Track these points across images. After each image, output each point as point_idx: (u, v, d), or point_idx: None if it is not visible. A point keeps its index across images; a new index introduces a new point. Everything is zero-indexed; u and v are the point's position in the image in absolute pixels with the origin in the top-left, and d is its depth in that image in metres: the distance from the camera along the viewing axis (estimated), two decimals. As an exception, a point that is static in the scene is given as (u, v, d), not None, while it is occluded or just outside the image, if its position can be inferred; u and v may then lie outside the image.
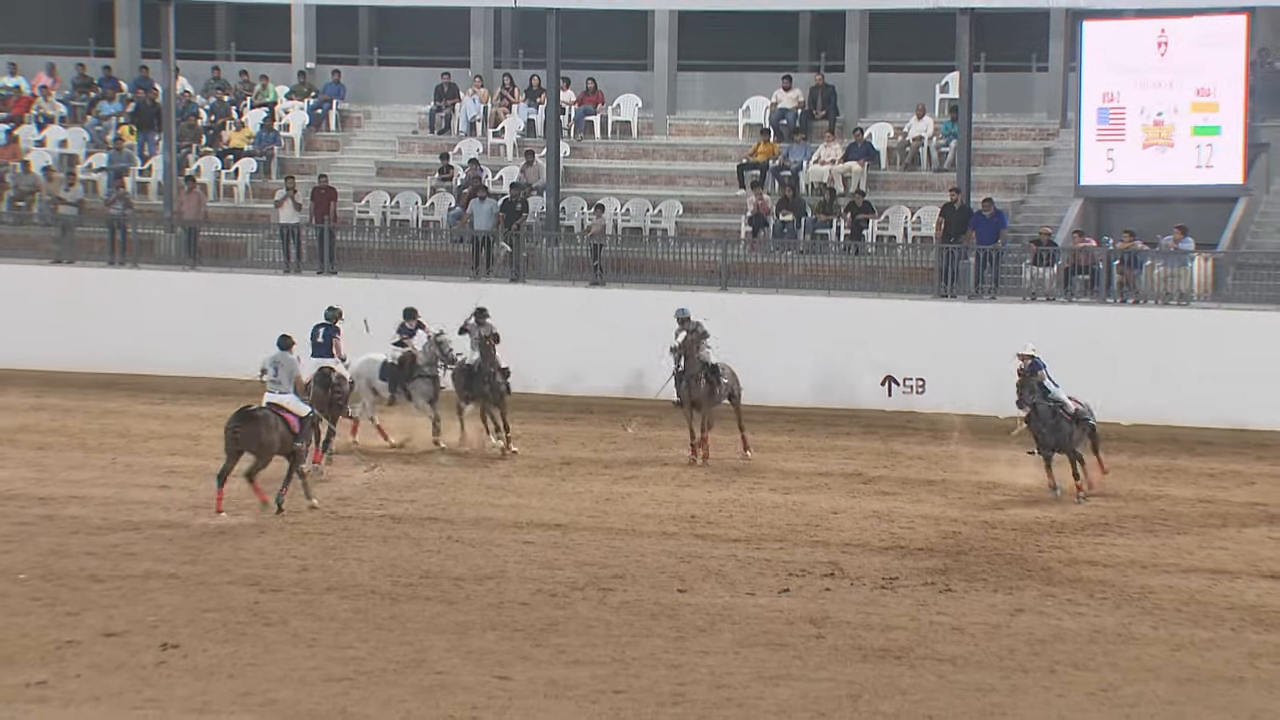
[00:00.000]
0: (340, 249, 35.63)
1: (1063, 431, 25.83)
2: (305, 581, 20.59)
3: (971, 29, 33.54)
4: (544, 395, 32.63)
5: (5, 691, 16.46)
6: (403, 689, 16.91)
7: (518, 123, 39.15)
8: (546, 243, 35.56)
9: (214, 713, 16.18)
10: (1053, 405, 25.89)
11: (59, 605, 19.25)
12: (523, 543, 22.73)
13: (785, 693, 17.09)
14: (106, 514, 23.63)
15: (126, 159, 38.91)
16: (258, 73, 41.02)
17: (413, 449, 28.25)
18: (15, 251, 36.58)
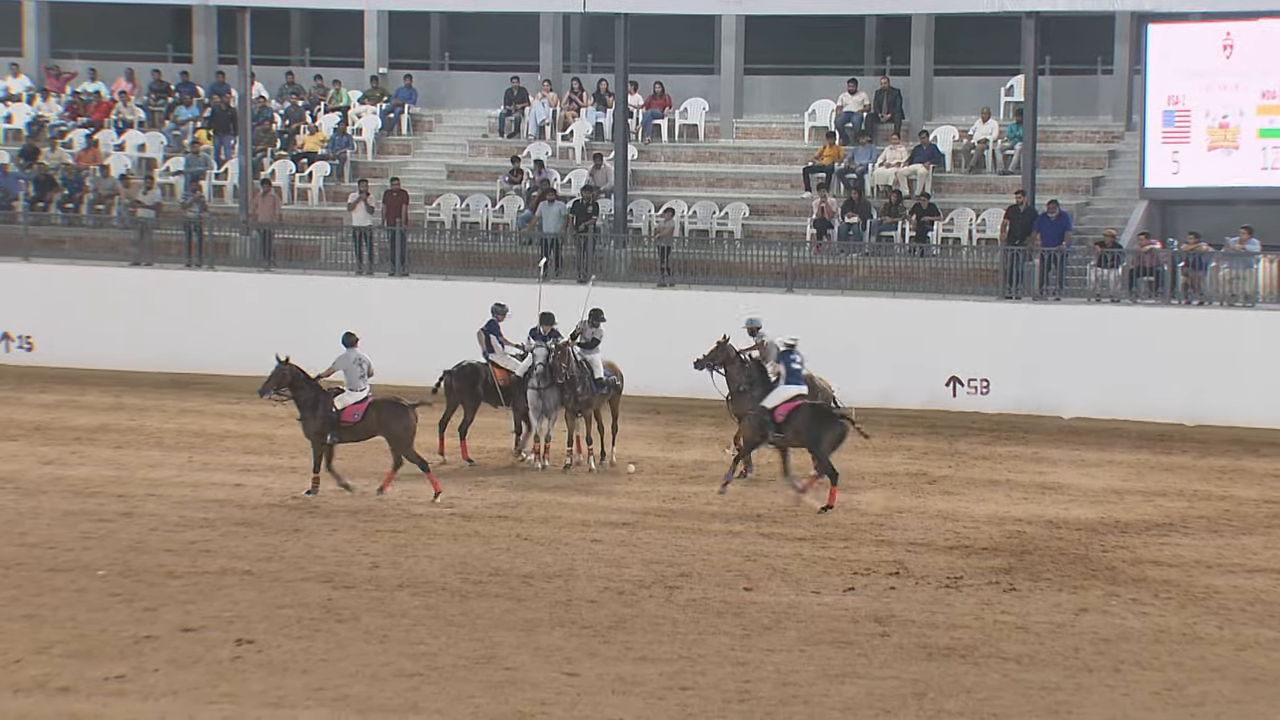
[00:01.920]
0: (411, 251, 35.74)
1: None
2: (377, 578, 20.68)
3: (1037, 32, 33.36)
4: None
5: (85, 685, 16.61)
6: (472, 684, 16.97)
7: (586, 126, 39.20)
8: (614, 245, 35.59)
9: (288, 707, 16.27)
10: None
11: (137, 601, 19.40)
12: (591, 541, 22.76)
13: (850, 690, 17.06)
14: (183, 511, 23.79)
15: (203, 163, 39.17)
16: (331, 78, 41.22)
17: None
18: (95, 254, 36.87)
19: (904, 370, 32.27)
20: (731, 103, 38.90)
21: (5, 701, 16.08)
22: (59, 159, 39.50)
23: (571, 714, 16.32)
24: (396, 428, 24.75)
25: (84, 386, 32.85)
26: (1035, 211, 33.54)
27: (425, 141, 40.48)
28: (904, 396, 32.25)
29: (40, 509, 23.74)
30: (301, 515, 23.70)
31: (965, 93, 38.04)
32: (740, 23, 38.27)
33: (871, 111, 37.88)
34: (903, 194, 35.82)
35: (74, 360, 34.16)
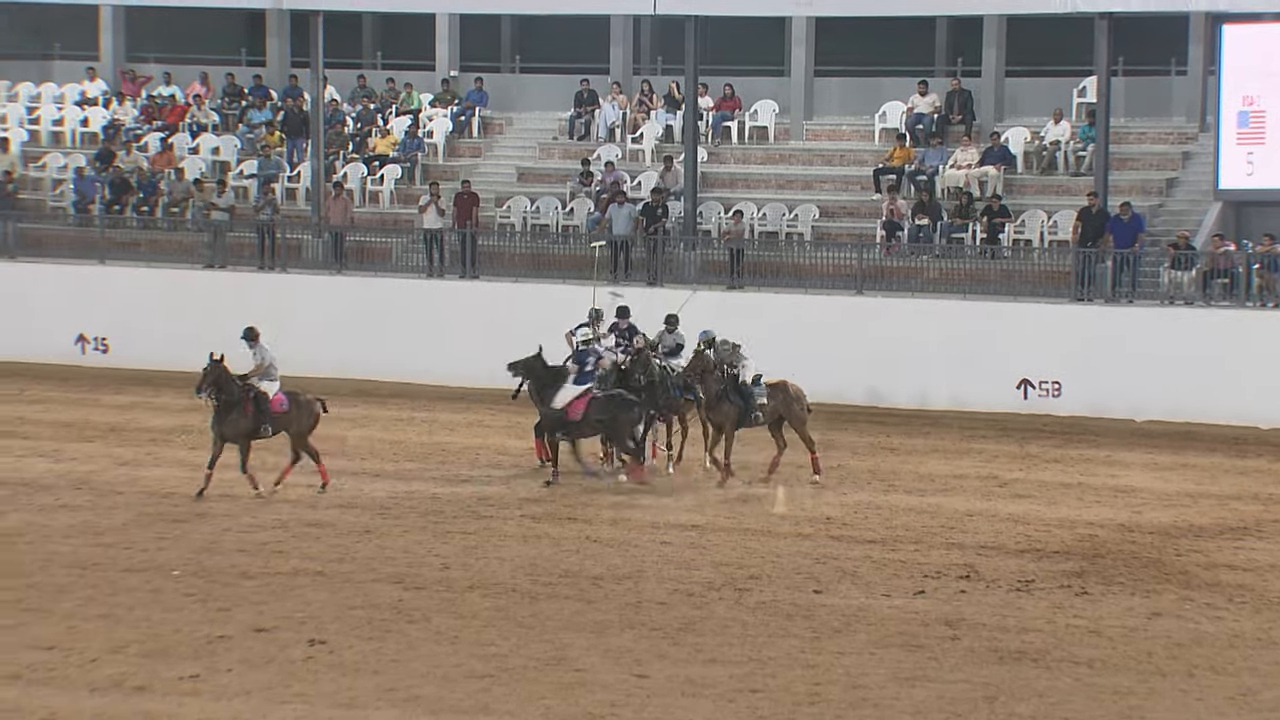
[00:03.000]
0: (482, 253, 35.86)
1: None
2: (447, 580, 20.76)
3: (1110, 33, 33.17)
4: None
5: (160, 684, 16.73)
6: (542, 686, 17.00)
7: (656, 128, 39.22)
8: (684, 247, 35.60)
9: (360, 708, 16.35)
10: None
11: (211, 601, 19.53)
12: (660, 543, 22.77)
13: (921, 694, 17.01)
14: (256, 512, 23.94)
15: (276, 166, 39.40)
16: (403, 81, 41.38)
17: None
18: (169, 256, 37.16)
19: (974, 373, 32.14)
20: (801, 104, 38.83)
21: (82, 700, 16.22)
22: (134, 162, 39.82)
23: (641, 716, 16.33)
24: (306, 422, 24.93)
25: (158, 388, 33.09)
26: (1108, 213, 33.34)
27: (496, 144, 40.60)
28: (974, 399, 32.13)
29: (116, 509, 23.94)
30: (373, 516, 23.81)
31: (1037, 94, 37.84)
32: (811, 24, 38.20)
33: (942, 113, 37.73)
34: (973, 196, 35.67)
35: (149, 362, 34.42)
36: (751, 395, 26.12)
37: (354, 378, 32.72)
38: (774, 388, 26.49)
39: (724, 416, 26.17)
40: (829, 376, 32.52)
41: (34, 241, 37.66)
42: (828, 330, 33.01)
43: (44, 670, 17.02)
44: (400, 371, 33.62)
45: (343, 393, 30.25)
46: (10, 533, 22.20)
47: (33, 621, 18.55)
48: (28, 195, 39.80)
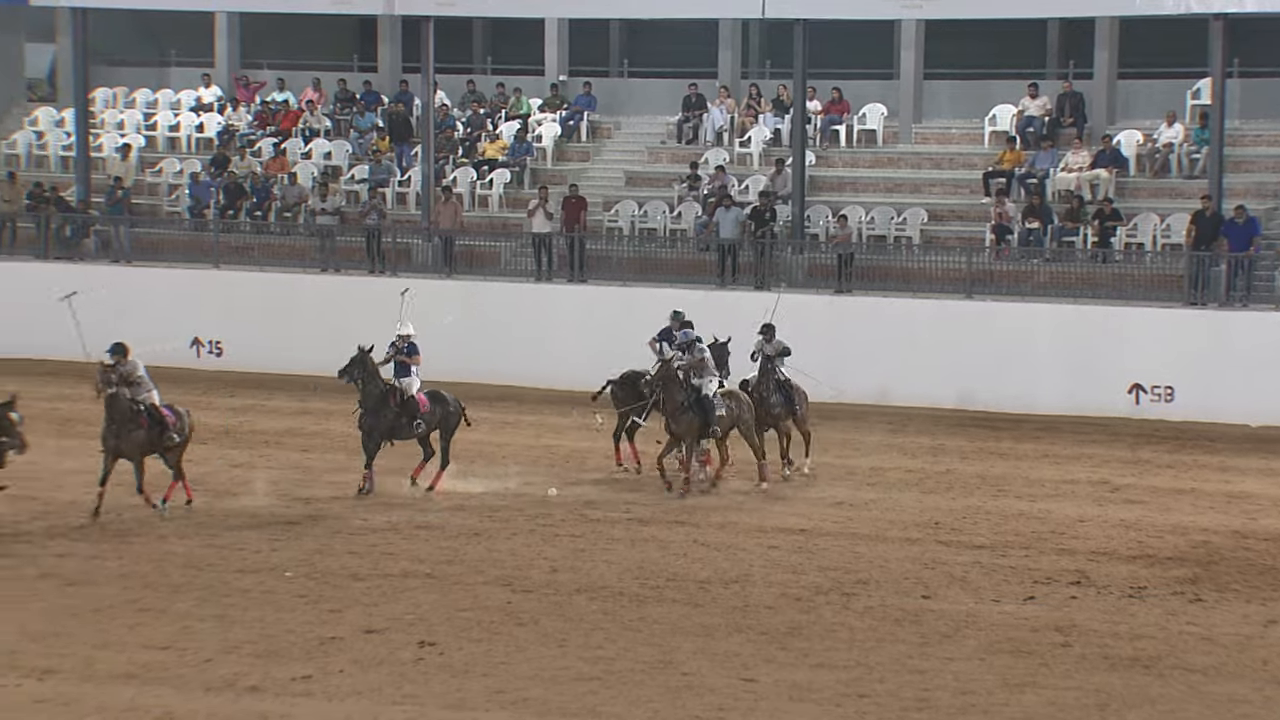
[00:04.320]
0: (590, 257, 35.95)
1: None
2: (555, 582, 20.82)
3: (1225, 34, 32.77)
4: (789, 401, 32.65)
5: (273, 684, 16.89)
6: (650, 689, 17.02)
7: (764, 132, 39.16)
8: (791, 250, 35.54)
9: (469, 709, 16.43)
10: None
11: (323, 602, 19.70)
12: (767, 547, 22.73)
13: (1031, 700, 16.89)
14: (367, 514, 24.13)
15: (386, 170, 39.69)
16: (512, 86, 41.56)
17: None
18: (282, 260, 37.52)
19: (1085, 377, 31.87)
20: (910, 108, 38.62)
21: (196, 700, 16.41)
22: (248, 167, 40.24)
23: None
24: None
25: (271, 391, 33.43)
26: (1221, 216, 32.95)
27: (604, 148, 40.69)
28: (1085, 404, 31.85)
29: (230, 511, 24.20)
30: (481, 519, 23.94)
31: (1150, 96, 37.45)
32: (920, 27, 38.00)
33: (1053, 116, 37.43)
34: (1085, 199, 35.34)
35: (261, 365, 34.76)
36: (713, 408, 25.54)
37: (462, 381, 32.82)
38: (727, 396, 25.89)
39: (686, 428, 25.53)
40: (937, 381, 32.46)
41: (149, 246, 38.13)
42: (936, 334, 32.85)
43: (159, 669, 17.23)
44: (508, 375, 33.74)
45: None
46: (126, 533, 22.49)
47: (148, 621, 18.79)
48: (143, 200, 40.31)
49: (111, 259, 37.89)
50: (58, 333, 36.04)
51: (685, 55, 40.69)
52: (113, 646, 17.87)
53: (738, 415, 25.98)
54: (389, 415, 25.53)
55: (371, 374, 25.68)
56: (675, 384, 25.59)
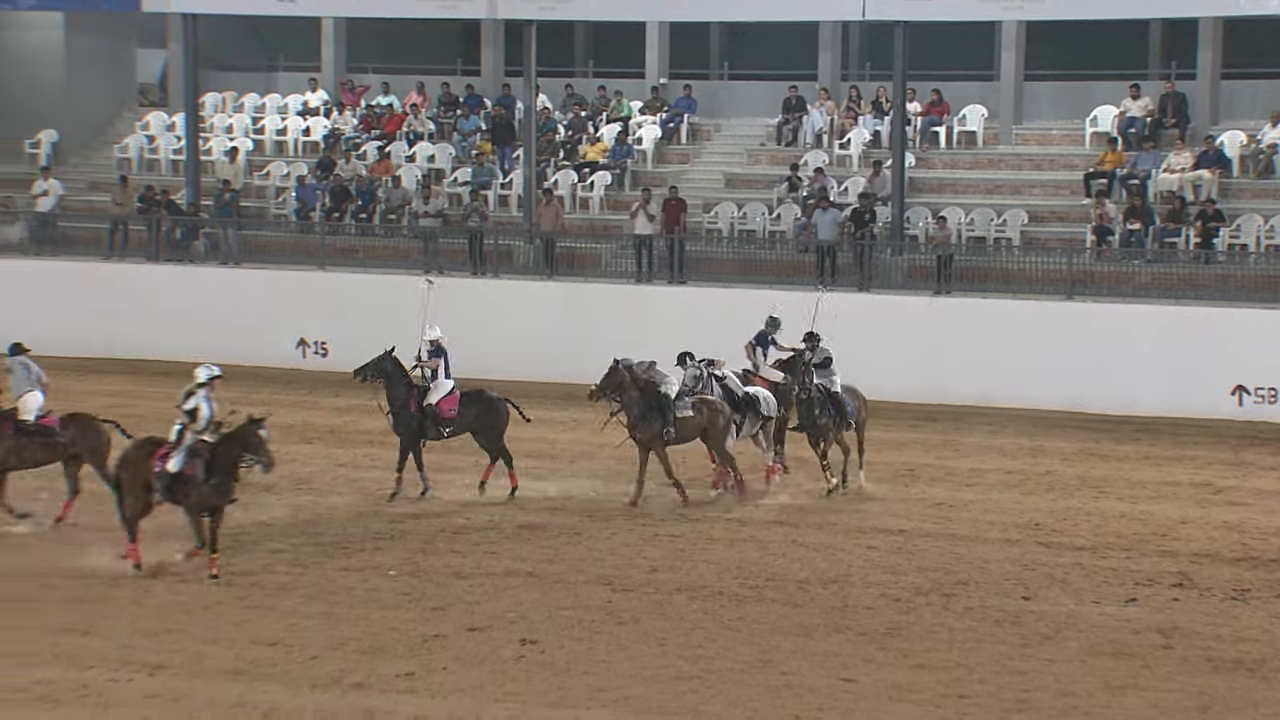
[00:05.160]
0: (689, 258, 35.96)
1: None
2: (655, 582, 20.83)
3: (1329, 34, 32.39)
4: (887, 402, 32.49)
5: (378, 681, 17.00)
6: (749, 688, 17.00)
7: (863, 134, 39.01)
8: (891, 252, 35.39)
9: (570, 707, 16.47)
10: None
11: (426, 600, 19.80)
12: (866, 548, 22.65)
13: (1133, 702, 16.73)
14: (469, 514, 24.23)
15: (488, 173, 39.87)
16: (613, 89, 41.65)
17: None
18: (386, 262, 37.74)
19: (1187, 379, 31.52)
20: (1011, 109, 38.37)
21: (302, 696, 16.54)
22: (353, 170, 40.52)
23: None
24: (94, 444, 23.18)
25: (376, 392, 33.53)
26: (1327, 217, 32.55)
27: (704, 150, 40.68)
28: (1186, 405, 31.49)
29: (335, 510, 24.38)
30: (582, 519, 23.99)
31: (1254, 96, 37.01)
32: (1021, 29, 37.74)
33: (1155, 116, 37.05)
34: (1187, 200, 34.96)
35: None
36: (671, 411, 24.89)
37: (563, 381, 32.91)
38: (702, 403, 25.13)
39: (650, 434, 24.85)
40: (1037, 382, 32.20)
41: (257, 248, 38.50)
42: (1036, 335, 32.61)
43: (267, 665, 17.39)
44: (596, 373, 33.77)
45: (552, 396, 30.48)
46: (235, 532, 22.69)
47: (256, 618, 18.97)
48: (251, 203, 40.70)
49: (220, 261, 38.29)
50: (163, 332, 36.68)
51: (785, 58, 40.61)
52: (221, 643, 18.05)
53: (708, 421, 24.96)
54: (412, 419, 25.36)
55: (394, 375, 25.56)
56: (629, 390, 24.85)
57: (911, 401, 32.44)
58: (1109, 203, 35.03)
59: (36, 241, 39.42)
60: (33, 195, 40.30)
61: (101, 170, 42.45)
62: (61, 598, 19.60)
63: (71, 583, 20.23)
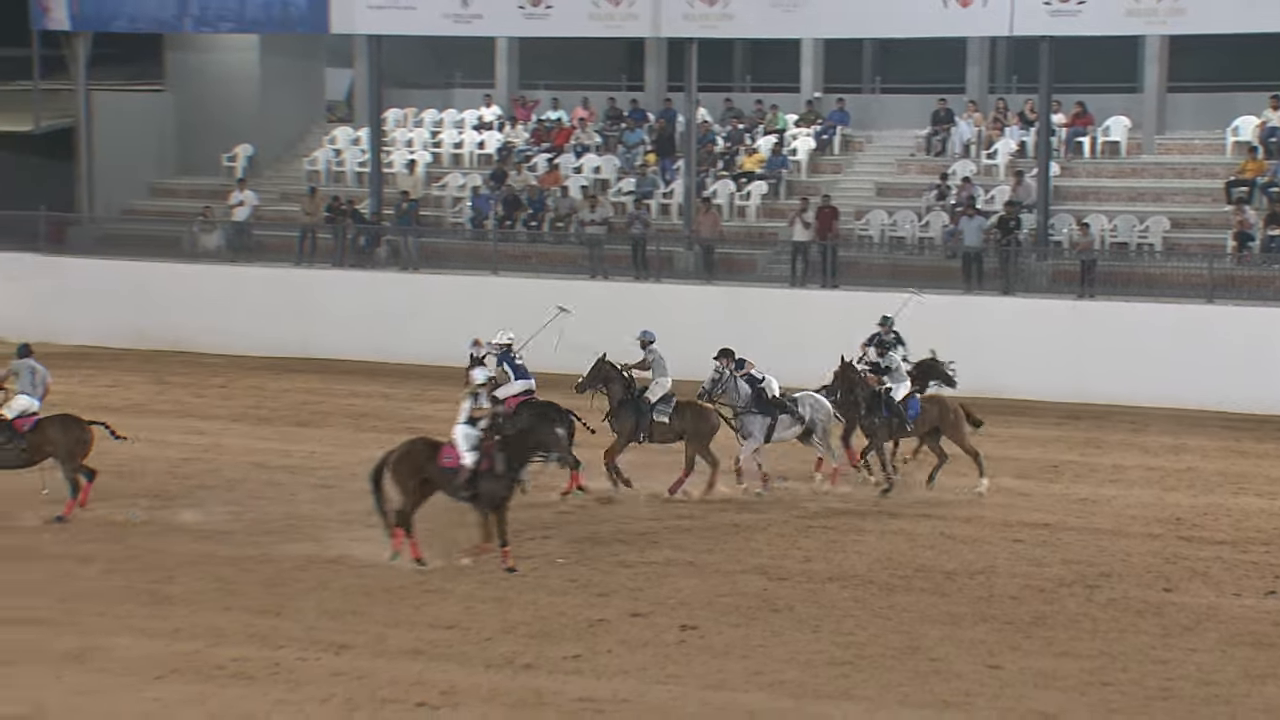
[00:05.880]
0: (841, 264, 35.83)
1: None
2: (809, 571, 20.76)
3: None
4: (1032, 402, 32.22)
5: (546, 663, 17.10)
6: (899, 674, 16.89)
7: (1010, 144, 38.60)
8: (1036, 257, 35.00)
9: (729, 690, 16.45)
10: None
11: (591, 587, 19.87)
12: (1012, 540, 22.41)
13: (1273, 691, 16.41)
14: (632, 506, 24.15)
15: (651, 183, 39.97)
16: (769, 102, 41.58)
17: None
18: (555, 268, 37.98)
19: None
20: (1154, 119, 37.80)
21: (477, 675, 16.68)
22: (524, 181, 40.85)
23: (995, 705, 16.10)
24: (68, 442, 22.67)
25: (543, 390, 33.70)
26: None
27: (855, 161, 40.48)
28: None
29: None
30: (739, 511, 23.95)
31: (1393, 105, 36.14)
32: (1164, 42, 37.14)
33: (1297, 126, 36.30)
34: (1326, 206, 34.21)
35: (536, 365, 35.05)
36: (648, 410, 24.51)
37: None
38: (684, 407, 24.60)
39: (623, 425, 24.60)
40: (1179, 382, 31.70)
41: (434, 254, 38.91)
42: (1177, 337, 32.10)
43: (444, 647, 17.54)
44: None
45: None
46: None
47: (434, 602, 19.15)
48: (430, 212, 41.13)
49: (400, 266, 38.74)
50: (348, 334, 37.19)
51: (935, 71, 40.30)
52: (402, 625, 18.24)
53: (692, 429, 24.47)
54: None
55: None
56: (617, 383, 24.71)
57: (1055, 401, 32.08)
58: (1249, 209, 34.35)
59: (233, 249, 40.17)
60: (229, 206, 41.07)
61: (292, 182, 43.13)
62: (255, 581, 19.92)
63: (264, 567, 20.56)
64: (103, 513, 23.00)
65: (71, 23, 41.16)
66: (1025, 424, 30.71)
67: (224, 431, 29.37)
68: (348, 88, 45.87)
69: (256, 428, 29.94)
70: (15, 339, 38.84)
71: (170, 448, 27.49)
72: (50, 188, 42.32)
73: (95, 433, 22.97)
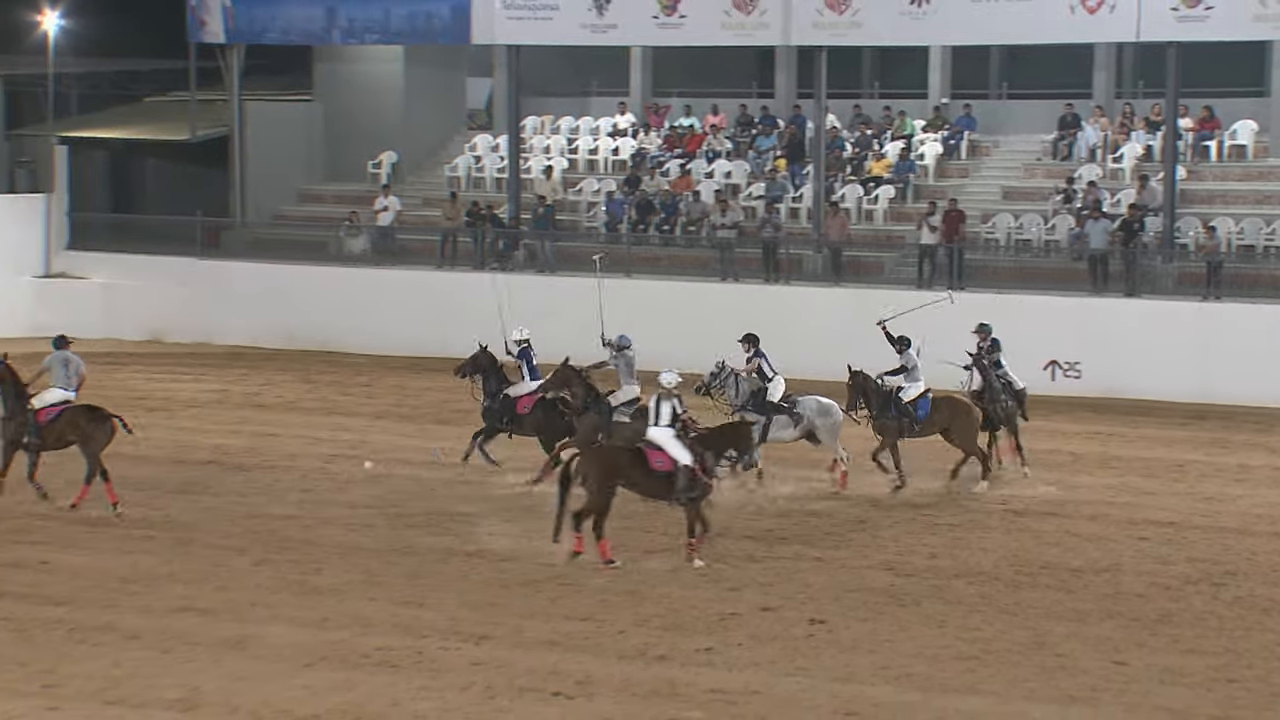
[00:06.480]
0: (968, 266, 35.55)
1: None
2: (935, 568, 20.64)
3: None
4: (1158, 402, 31.80)
5: (679, 655, 17.13)
6: (1026, 669, 16.75)
7: (1136, 148, 38.06)
8: (1161, 260, 34.50)
9: (856, 683, 16.40)
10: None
11: (722, 582, 19.87)
12: (1137, 538, 22.14)
13: (1399, 692, 16.08)
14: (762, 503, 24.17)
15: (780, 188, 39.89)
16: (897, 109, 41.33)
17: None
18: (686, 270, 38.05)
19: None
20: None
21: (611, 667, 16.74)
22: (657, 186, 40.91)
23: (1120, 701, 15.91)
24: (92, 433, 22.77)
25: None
26: None
27: (982, 165, 40.12)
28: None
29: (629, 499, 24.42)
30: (866, 509, 23.85)
31: None
32: (1292, 46, 36.48)
33: None
34: None
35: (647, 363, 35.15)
36: (609, 413, 24.30)
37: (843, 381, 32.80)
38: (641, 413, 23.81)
39: (585, 429, 24.37)
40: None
41: (569, 257, 39.07)
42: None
43: (579, 638, 17.63)
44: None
45: (839, 394, 30.26)
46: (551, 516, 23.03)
47: (569, 595, 19.25)
48: (565, 216, 41.32)
49: (537, 269, 38.97)
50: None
51: (1061, 77, 39.85)
52: (539, 617, 18.35)
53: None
54: (493, 414, 25.43)
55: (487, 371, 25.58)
56: (580, 386, 24.57)
57: (1181, 401, 31.62)
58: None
59: (377, 252, 40.62)
60: (374, 211, 41.56)
61: (434, 188, 43.53)
62: (399, 573, 20.14)
63: (407, 559, 20.79)
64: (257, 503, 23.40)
65: (226, 36, 41.89)
66: (1151, 424, 30.32)
67: (368, 428, 29.73)
68: (488, 96, 46.19)
69: (399, 424, 30.28)
70: (174, 339, 40.03)
71: (320, 444, 27.88)
72: (205, 194, 43.11)
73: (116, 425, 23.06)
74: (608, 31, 38.44)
